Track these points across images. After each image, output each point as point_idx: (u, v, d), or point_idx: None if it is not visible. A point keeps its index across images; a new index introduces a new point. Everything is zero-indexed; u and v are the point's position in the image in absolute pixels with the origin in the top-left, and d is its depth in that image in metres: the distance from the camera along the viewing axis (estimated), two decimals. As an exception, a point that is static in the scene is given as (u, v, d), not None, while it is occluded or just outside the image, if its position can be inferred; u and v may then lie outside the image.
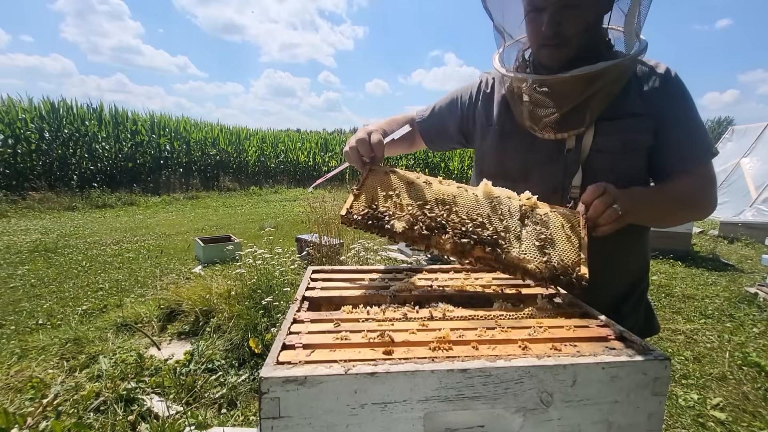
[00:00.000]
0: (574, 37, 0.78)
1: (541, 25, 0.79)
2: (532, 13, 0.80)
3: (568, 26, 0.77)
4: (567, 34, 0.78)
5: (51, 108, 10.36)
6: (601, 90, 0.79)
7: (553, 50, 0.81)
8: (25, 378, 2.07)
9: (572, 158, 0.85)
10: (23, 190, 8.73)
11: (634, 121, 0.81)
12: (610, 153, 0.83)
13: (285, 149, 15.79)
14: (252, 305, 2.61)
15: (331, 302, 0.74)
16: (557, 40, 0.78)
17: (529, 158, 0.90)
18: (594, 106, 0.81)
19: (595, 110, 0.81)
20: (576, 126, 0.83)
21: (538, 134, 0.87)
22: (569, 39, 0.78)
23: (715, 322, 3.10)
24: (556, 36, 0.78)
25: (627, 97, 0.82)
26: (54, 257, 4.74)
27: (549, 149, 0.88)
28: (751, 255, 5.25)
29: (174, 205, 9.95)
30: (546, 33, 0.78)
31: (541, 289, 0.80)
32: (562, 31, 0.77)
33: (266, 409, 0.45)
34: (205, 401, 1.94)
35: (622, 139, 0.82)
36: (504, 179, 0.89)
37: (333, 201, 4.69)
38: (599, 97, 0.80)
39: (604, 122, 0.82)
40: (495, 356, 0.50)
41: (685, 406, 2.03)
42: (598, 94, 0.80)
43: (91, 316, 3.03)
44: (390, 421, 0.47)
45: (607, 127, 0.82)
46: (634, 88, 0.83)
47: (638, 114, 0.81)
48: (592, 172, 0.84)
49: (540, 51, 0.84)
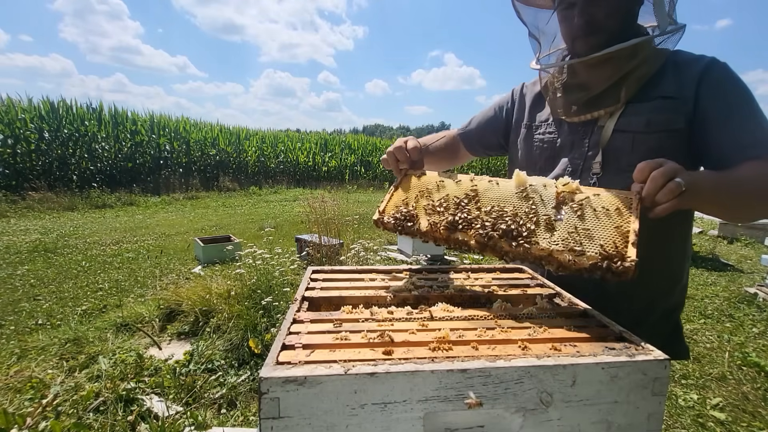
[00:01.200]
0: (605, 23, 0.81)
1: (572, 18, 0.83)
2: (564, 11, 0.84)
3: (596, 14, 0.80)
4: (598, 22, 0.81)
5: (50, 108, 10.35)
6: (636, 69, 0.81)
7: (586, 38, 0.83)
8: (24, 378, 2.07)
9: (594, 140, 0.86)
10: (23, 190, 8.73)
11: (663, 102, 0.80)
12: (631, 132, 0.82)
13: (285, 149, 15.79)
14: (252, 305, 2.61)
15: (330, 302, 0.74)
16: (589, 28, 0.81)
17: (553, 147, 0.93)
18: (628, 85, 0.82)
19: (629, 89, 0.82)
20: (610, 104, 0.84)
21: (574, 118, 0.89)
22: (601, 26, 0.81)
23: (714, 322, 3.10)
24: (587, 24, 0.81)
25: (660, 82, 0.82)
26: (53, 257, 4.73)
27: (573, 135, 0.89)
28: (751, 255, 5.25)
29: (174, 205, 9.95)
30: (578, 23, 0.82)
31: (541, 289, 0.80)
32: (593, 19, 0.81)
33: (266, 410, 0.45)
34: (204, 401, 1.94)
35: (647, 119, 0.81)
36: (532, 169, 0.92)
37: (333, 201, 4.69)
38: (633, 76, 0.82)
39: (633, 104, 0.83)
40: (495, 356, 0.50)
41: (685, 407, 2.03)
42: (631, 73, 0.82)
43: (90, 317, 3.03)
44: (390, 422, 0.47)
45: (635, 108, 0.83)
46: (671, 74, 0.82)
47: (669, 96, 0.80)
48: (613, 152, 0.84)
49: (575, 43, 0.86)
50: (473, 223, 0.70)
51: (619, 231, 0.62)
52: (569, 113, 0.89)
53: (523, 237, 0.66)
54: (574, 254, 0.61)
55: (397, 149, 0.90)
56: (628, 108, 0.83)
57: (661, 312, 0.88)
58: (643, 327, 0.79)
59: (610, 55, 0.79)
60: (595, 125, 0.86)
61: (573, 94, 0.88)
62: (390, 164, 0.91)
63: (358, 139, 18.37)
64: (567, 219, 0.65)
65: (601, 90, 0.84)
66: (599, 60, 0.81)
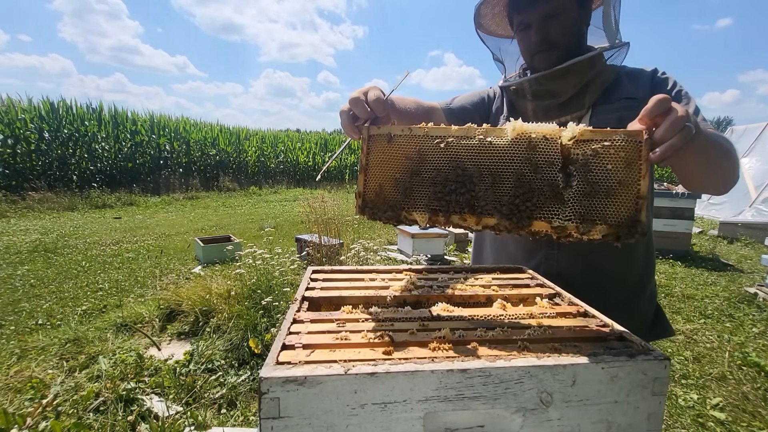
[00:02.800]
0: (559, 40, 0.89)
1: (529, 37, 0.91)
2: (521, 32, 0.93)
3: (552, 32, 0.89)
4: (553, 39, 0.89)
5: (50, 108, 10.35)
6: (595, 78, 0.91)
7: (544, 54, 0.91)
8: (24, 378, 2.07)
9: None
10: (23, 191, 8.73)
11: (628, 102, 0.89)
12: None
13: (285, 149, 15.79)
14: (252, 305, 2.61)
15: (330, 302, 0.74)
16: (546, 45, 0.90)
17: None
18: (590, 91, 0.91)
19: (591, 95, 0.91)
20: (576, 109, 0.92)
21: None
22: (555, 42, 0.89)
23: (714, 322, 3.10)
24: (543, 41, 0.89)
25: (620, 87, 0.92)
26: (53, 257, 4.73)
27: None
28: (751, 255, 5.25)
29: (174, 205, 9.95)
30: (535, 40, 0.90)
31: (541, 289, 0.80)
32: (548, 37, 0.89)
33: (266, 410, 0.45)
34: (204, 401, 1.94)
35: (618, 116, 0.88)
36: None
37: (333, 201, 4.69)
38: (594, 84, 0.91)
39: (601, 106, 0.92)
40: (495, 356, 0.51)
41: (685, 406, 2.03)
42: (592, 81, 0.91)
43: (90, 317, 3.03)
44: (390, 422, 0.47)
45: (603, 109, 0.92)
46: (625, 81, 0.93)
47: (631, 97, 0.90)
48: None
49: (534, 59, 0.94)
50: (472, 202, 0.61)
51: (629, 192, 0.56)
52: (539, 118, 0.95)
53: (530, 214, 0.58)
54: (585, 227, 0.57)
55: (355, 102, 0.68)
56: (597, 110, 0.92)
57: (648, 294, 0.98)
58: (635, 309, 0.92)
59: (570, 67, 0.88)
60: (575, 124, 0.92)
61: (543, 100, 0.95)
62: (346, 126, 0.70)
63: (358, 139, 18.37)
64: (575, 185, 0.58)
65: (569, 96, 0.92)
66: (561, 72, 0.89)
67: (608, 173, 0.57)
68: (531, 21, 0.90)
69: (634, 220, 0.55)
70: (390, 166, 0.66)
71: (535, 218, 0.59)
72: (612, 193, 0.57)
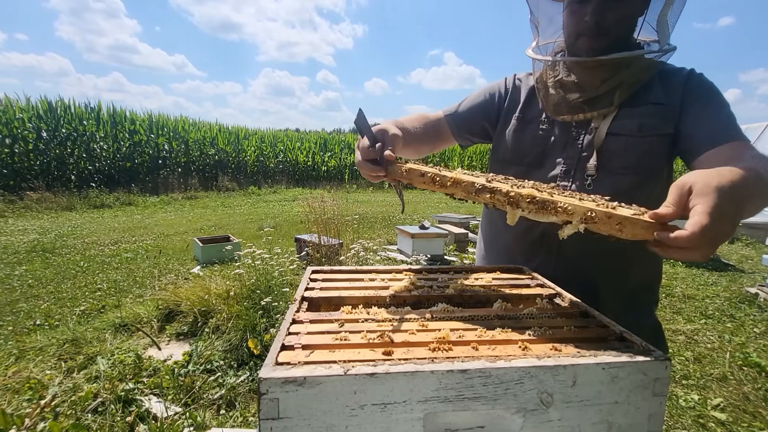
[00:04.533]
0: (613, 28, 0.83)
1: (582, 15, 0.83)
2: (575, 4, 0.85)
3: (609, 17, 0.82)
4: (607, 24, 0.82)
5: (48, 107, 10.33)
6: (630, 78, 0.85)
7: (592, 39, 0.84)
8: (22, 379, 2.06)
9: (588, 141, 0.88)
10: (21, 190, 8.71)
11: (654, 108, 0.86)
12: (625, 135, 0.86)
13: (284, 149, 15.78)
14: (251, 306, 2.61)
15: (330, 302, 0.73)
16: (597, 29, 0.83)
17: (546, 144, 0.93)
18: (621, 91, 0.86)
19: (622, 94, 0.86)
20: (604, 106, 0.87)
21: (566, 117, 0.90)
22: (608, 29, 0.83)
23: (715, 322, 3.10)
24: (597, 26, 0.82)
25: (649, 89, 0.87)
26: (52, 257, 4.72)
27: (566, 135, 0.90)
28: (752, 255, 5.25)
29: (172, 205, 9.93)
30: (589, 23, 0.83)
31: (541, 290, 0.80)
32: (602, 21, 0.82)
33: (265, 410, 0.45)
34: (203, 402, 1.94)
35: (640, 123, 0.85)
36: (518, 165, 0.94)
37: (332, 201, 4.69)
38: (627, 84, 0.85)
39: (625, 108, 0.87)
40: (495, 357, 0.50)
41: (686, 407, 2.03)
42: (626, 81, 0.85)
43: (89, 317, 3.02)
44: (390, 422, 0.47)
45: (628, 112, 0.87)
46: (658, 83, 0.87)
47: (659, 103, 0.86)
48: (607, 154, 0.87)
49: (578, 40, 0.87)
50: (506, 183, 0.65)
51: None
52: (562, 112, 0.90)
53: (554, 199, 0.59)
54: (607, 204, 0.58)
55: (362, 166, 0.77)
56: (620, 112, 0.86)
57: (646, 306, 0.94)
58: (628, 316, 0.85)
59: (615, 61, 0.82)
60: (589, 126, 0.89)
61: (568, 93, 0.90)
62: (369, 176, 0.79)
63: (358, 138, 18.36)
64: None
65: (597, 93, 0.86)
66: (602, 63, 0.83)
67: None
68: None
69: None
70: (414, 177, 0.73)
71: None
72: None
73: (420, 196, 13.46)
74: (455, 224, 5.80)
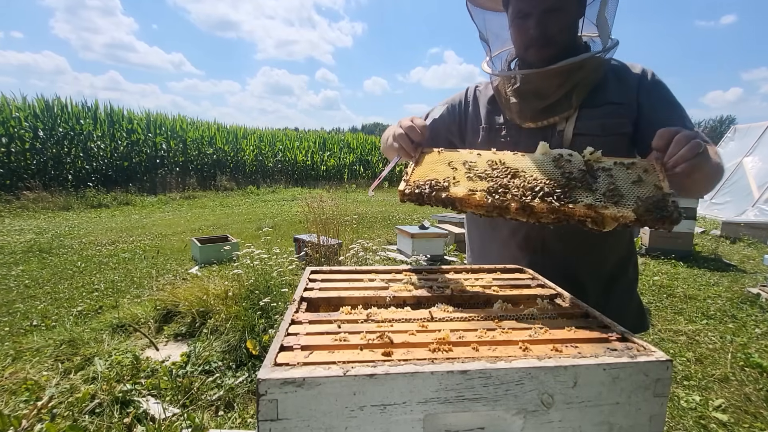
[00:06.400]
0: (557, 36, 0.88)
1: (527, 29, 0.88)
2: (518, 20, 0.89)
3: (551, 27, 0.87)
4: (551, 34, 0.88)
5: (45, 106, 10.27)
6: (584, 79, 0.89)
7: (540, 49, 0.89)
8: (19, 380, 2.05)
9: (556, 143, 0.92)
10: (17, 190, 8.66)
11: (613, 107, 0.90)
12: (590, 136, 0.90)
13: (283, 148, 15.74)
14: (249, 306, 2.60)
15: (329, 303, 0.73)
16: (543, 40, 0.88)
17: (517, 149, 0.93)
18: (578, 92, 0.90)
19: (579, 96, 0.90)
20: (564, 110, 0.91)
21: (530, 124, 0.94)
22: (553, 38, 0.88)
23: (717, 322, 3.09)
24: (542, 36, 0.88)
25: (606, 88, 0.92)
26: (49, 258, 4.70)
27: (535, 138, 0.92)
28: (754, 255, 5.23)
29: (170, 204, 9.90)
30: (534, 34, 0.88)
31: (542, 290, 0.80)
32: (547, 32, 0.87)
33: (264, 411, 0.44)
34: (202, 403, 1.93)
35: (602, 123, 0.90)
36: None
37: (331, 201, 4.68)
38: (582, 85, 0.90)
39: (585, 109, 0.92)
40: (495, 357, 0.50)
41: (687, 408, 2.02)
42: (581, 82, 0.90)
43: (86, 318, 3.00)
44: (389, 423, 0.46)
45: (588, 113, 0.91)
46: (612, 82, 0.93)
47: (616, 102, 0.90)
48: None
49: (527, 51, 0.92)
50: (510, 187, 0.69)
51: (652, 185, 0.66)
52: (526, 120, 0.94)
53: (566, 196, 0.66)
54: (616, 209, 0.63)
55: (410, 129, 0.86)
56: (581, 113, 0.91)
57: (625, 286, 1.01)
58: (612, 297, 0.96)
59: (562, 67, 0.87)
60: (554, 130, 0.93)
61: (528, 101, 0.94)
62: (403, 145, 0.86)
63: (357, 137, 18.33)
64: (602, 180, 0.68)
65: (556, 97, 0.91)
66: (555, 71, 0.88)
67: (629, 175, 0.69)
68: (532, 11, 0.86)
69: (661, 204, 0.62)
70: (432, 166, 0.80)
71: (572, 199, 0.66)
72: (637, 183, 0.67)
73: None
74: (455, 224, 5.79)
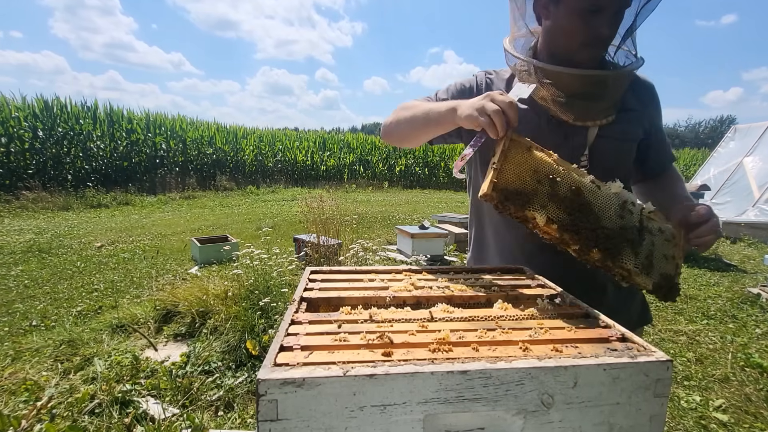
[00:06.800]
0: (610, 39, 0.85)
1: (597, 26, 0.79)
2: (587, 13, 0.79)
3: (614, 29, 0.83)
4: (611, 36, 0.84)
5: (45, 106, 10.26)
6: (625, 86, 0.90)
7: (595, 50, 0.85)
8: (18, 380, 2.05)
9: (579, 142, 0.91)
10: (17, 190, 8.65)
11: (631, 114, 0.93)
12: (611, 139, 0.91)
13: (282, 148, 15.73)
14: (249, 306, 2.60)
15: (329, 303, 0.73)
16: (605, 42, 0.84)
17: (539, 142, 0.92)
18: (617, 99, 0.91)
19: (618, 103, 0.91)
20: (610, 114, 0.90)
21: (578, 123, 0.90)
22: (608, 41, 0.85)
23: (717, 323, 3.09)
24: (611, 37, 0.83)
25: (626, 96, 0.92)
26: (48, 258, 4.69)
27: (556, 137, 0.91)
28: (754, 255, 5.23)
29: (170, 204, 9.89)
30: (606, 33, 0.80)
31: (542, 290, 0.80)
32: (611, 32, 0.82)
33: (264, 412, 0.44)
34: (201, 404, 1.93)
35: (623, 129, 0.91)
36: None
37: (331, 201, 4.68)
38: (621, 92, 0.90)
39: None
40: (495, 358, 0.50)
41: (687, 408, 2.02)
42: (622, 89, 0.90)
43: (85, 318, 3.00)
44: (389, 424, 0.46)
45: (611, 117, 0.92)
46: (630, 91, 0.94)
47: (634, 109, 0.93)
48: (597, 155, 0.91)
49: (582, 49, 0.83)
50: (581, 230, 0.74)
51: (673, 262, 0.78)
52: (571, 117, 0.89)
53: (618, 257, 0.73)
54: (644, 278, 0.74)
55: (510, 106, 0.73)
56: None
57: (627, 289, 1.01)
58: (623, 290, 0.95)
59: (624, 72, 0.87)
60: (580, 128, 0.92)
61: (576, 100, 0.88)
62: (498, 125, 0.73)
63: (357, 137, 18.31)
64: (645, 245, 0.77)
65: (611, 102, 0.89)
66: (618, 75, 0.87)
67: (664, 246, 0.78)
68: (607, 6, 0.77)
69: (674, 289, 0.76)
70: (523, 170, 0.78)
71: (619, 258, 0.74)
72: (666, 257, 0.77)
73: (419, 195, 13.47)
74: (455, 224, 5.79)
